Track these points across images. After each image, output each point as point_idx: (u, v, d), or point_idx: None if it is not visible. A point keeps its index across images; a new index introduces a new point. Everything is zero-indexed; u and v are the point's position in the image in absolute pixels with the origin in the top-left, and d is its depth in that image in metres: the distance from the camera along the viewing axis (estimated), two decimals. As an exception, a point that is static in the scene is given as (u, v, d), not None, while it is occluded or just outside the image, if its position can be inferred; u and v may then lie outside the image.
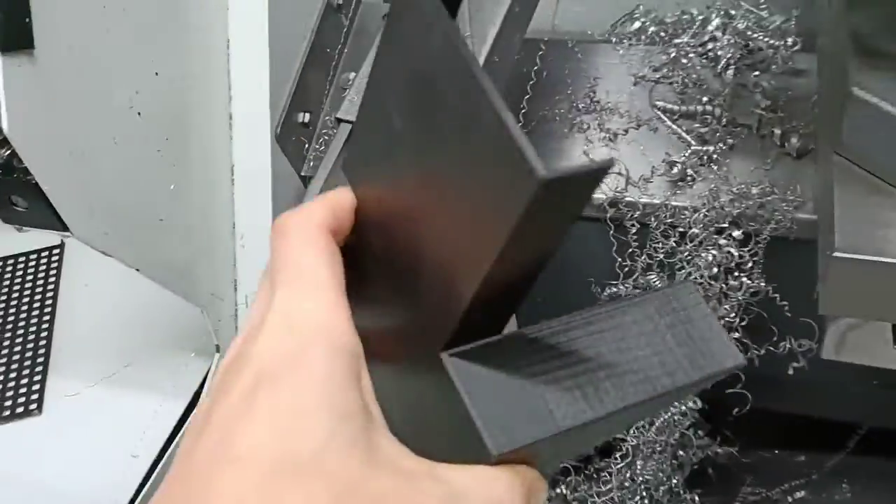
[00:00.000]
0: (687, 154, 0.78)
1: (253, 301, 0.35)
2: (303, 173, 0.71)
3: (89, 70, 0.46)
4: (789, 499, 0.99)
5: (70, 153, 0.46)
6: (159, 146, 0.53)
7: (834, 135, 0.53)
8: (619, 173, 0.80)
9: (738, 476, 1.03)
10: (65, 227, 0.47)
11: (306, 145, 0.71)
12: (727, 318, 0.76)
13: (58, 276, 0.68)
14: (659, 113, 0.82)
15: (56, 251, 0.73)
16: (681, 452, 0.89)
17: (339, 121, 0.66)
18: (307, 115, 0.70)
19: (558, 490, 0.96)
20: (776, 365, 0.79)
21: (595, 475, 0.90)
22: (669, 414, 0.76)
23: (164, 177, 0.54)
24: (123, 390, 0.66)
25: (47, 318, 0.69)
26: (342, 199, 0.36)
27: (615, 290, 0.83)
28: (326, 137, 0.72)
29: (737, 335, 0.76)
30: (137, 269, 0.52)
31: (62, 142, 0.46)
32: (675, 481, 0.85)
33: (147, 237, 0.53)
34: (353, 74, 0.74)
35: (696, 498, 0.91)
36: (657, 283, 0.75)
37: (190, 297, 0.59)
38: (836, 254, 0.48)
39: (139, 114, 0.51)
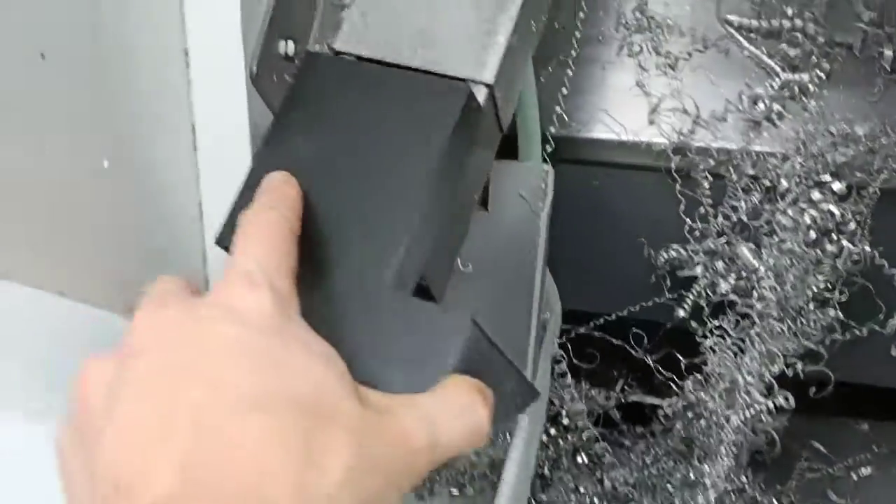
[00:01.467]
0: (774, 85, 0.61)
1: None
2: (287, 124, 0.53)
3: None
4: (854, 476, 0.87)
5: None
6: (80, 106, 0.35)
7: None
8: (684, 110, 0.64)
9: (793, 449, 0.90)
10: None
11: (290, 86, 0.53)
12: (824, 293, 0.61)
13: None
14: (731, 30, 0.64)
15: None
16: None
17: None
18: (291, 45, 0.52)
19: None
20: (874, 343, 0.64)
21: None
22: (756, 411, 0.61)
23: (92, 152, 0.36)
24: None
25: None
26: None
27: (676, 252, 0.67)
28: (316, 75, 0.54)
29: (832, 313, 0.61)
30: (62, 293, 0.35)
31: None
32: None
33: (71, 246, 0.35)
34: (347, -13, 0.55)
35: (749, 477, 0.77)
36: (745, 250, 0.59)
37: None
38: None
39: (42, 56, 0.33)
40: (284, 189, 0.37)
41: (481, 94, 0.45)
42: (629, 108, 0.65)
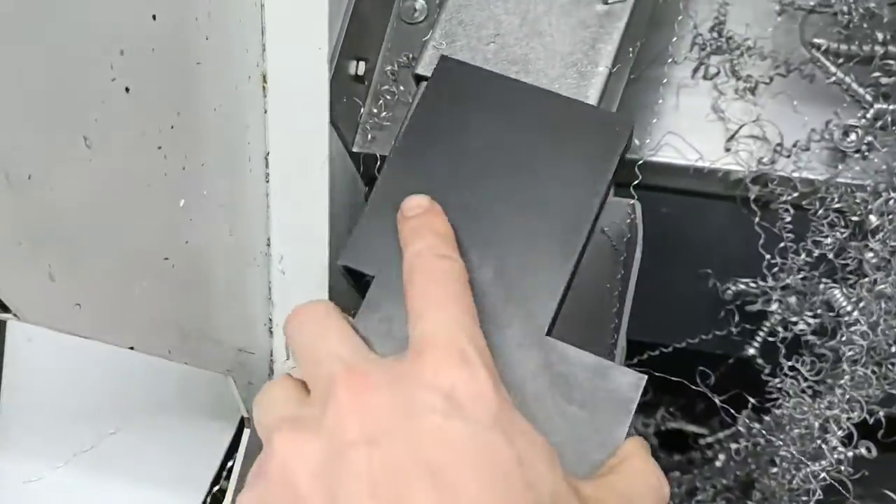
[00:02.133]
0: (868, 115, 0.57)
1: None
2: (355, 149, 0.49)
3: (41, 19, 0.25)
4: (908, 515, 0.83)
5: (6, 176, 0.24)
6: (160, 141, 0.31)
7: None
8: (764, 138, 0.60)
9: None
10: (4, 308, 0.26)
11: (361, 109, 0.49)
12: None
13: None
14: (817, 55, 0.61)
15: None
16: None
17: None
18: (362, 65, 0.48)
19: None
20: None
21: None
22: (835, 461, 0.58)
23: (169, 190, 0.33)
24: (105, 472, 0.45)
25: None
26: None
27: (745, 286, 0.63)
28: (388, 97, 0.50)
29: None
30: (132, 348, 0.32)
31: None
32: None
33: (145, 295, 0.32)
34: (420, 2, 0.52)
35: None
36: (837, 293, 0.55)
37: (207, 362, 0.38)
38: None
39: (127, 90, 0.29)
40: (436, 223, 0.34)
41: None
42: (704, 133, 0.61)
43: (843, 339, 0.55)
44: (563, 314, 0.50)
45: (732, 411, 0.60)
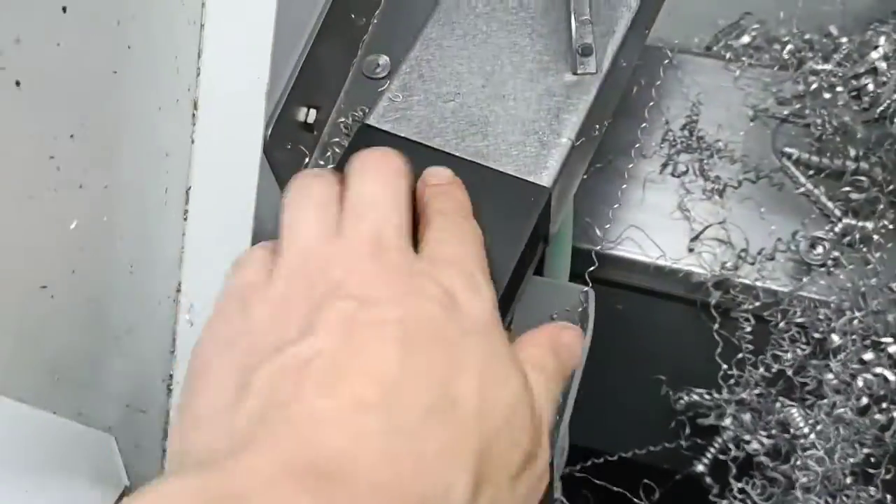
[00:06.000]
0: (836, 230, 0.55)
1: None
2: (294, 201, 0.45)
3: None
4: None
5: None
6: (53, 150, 0.27)
7: None
8: (729, 242, 0.58)
9: None
10: None
11: (306, 159, 0.46)
12: (865, 468, 0.53)
13: None
14: (788, 164, 0.59)
15: None
16: None
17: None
18: (313, 113, 0.45)
19: None
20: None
21: None
22: None
23: (58, 208, 0.28)
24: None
25: None
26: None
27: (699, 398, 0.60)
28: (336, 150, 0.47)
29: (874, 493, 0.54)
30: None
31: None
32: None
33: (11, 322, 0.27)
34: (384, 58, 0.49)
35: None
36: (795, 412, 0.52)
37: (83, 414, 0.33)
38: None
39: (18, 84, 0.25)
40: (460, 194, 0.36)
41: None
42: (668, 230, 0.59)
43: (798, 463, 0.51)
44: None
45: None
